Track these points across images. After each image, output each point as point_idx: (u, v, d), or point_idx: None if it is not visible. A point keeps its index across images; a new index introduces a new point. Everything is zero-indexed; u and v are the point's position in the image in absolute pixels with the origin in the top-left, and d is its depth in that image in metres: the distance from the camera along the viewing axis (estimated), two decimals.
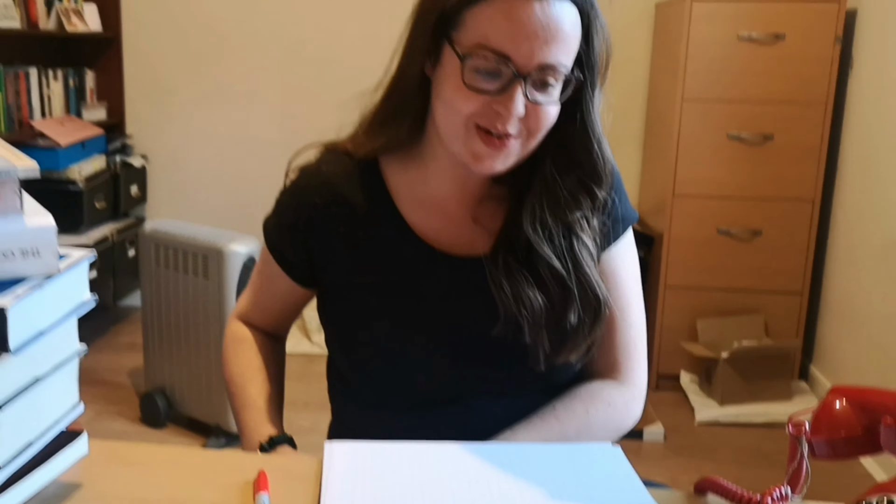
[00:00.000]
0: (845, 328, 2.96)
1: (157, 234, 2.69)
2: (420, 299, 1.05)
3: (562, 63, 0.94)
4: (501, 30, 0.92)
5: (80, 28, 3.53)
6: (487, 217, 1.07)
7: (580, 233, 1.03)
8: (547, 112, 0.96)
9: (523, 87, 0.93)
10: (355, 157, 1.08)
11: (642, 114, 3.60)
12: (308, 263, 1.11)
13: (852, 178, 2.95)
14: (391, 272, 1.06)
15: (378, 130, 1.07)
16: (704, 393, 3.04)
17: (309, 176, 1.10)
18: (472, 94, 0.94)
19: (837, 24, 2.90)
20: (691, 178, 3.06)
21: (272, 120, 3.79)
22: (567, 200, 1.02)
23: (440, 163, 1.05)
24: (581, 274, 1.02)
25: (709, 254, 3.10)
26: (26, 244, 0.77)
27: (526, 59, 0.92)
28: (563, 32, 0.93)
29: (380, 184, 1.08)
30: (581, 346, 1.03)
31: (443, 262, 1.06)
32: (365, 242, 1.07)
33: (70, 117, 3.57)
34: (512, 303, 1.00)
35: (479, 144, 0.96)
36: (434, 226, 1.07)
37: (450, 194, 1.07)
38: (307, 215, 1.08)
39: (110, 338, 3.51)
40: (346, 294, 1.08)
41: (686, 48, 2.98)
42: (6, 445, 0.75)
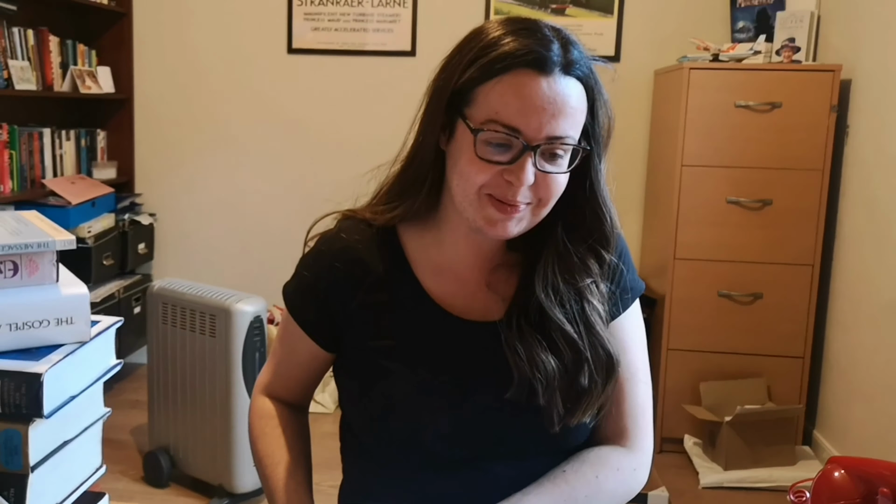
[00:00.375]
0: (848, 393, 2.97)
1: (164, 292, 2.72)
2: (435, 363, 1.08)
3: (569, 135, 0.99)
4: (511, 105, 0.97)
5: (93, 90, 3.62)
6: (501, 283, 1.11)
7: (590, 297, 1.07)
8: (556, 181, 1.01)
9: (533, 157, 0.98)
10: (374, 225, 1.13)
11: (642, 178, 3.67)
12: (330, 326, 1.13)
13: (851, 243, 2.99)
14: (408, 336, 1.09)
15: (396, 200, 1.11)
16: (708, 457, 3.03)
17: (329, 241, 1.14)
18: (485, 166, 0.99)
19: (832, 93, 2.97)
20: (692, 241, 3.11)
21: (279, 183, 3.86)
22: (578, 266, 1.07)
23: (455, 231, 1.10)
24: (593, 335, 1.05)
25: (710, 317, 3.13)
26: (61, 313, 0.81)
27: (535, 131, 0.97)
28: (570, 107, 0.99)
29: (398, 250, 1.12)
30: (594, 405, 1.06)
31: (458, 326, 1.09)
32: (383, 307, 1.10)
33: (81, 176, 3.63)
34: (526, 366, 1.03)
35: (492, 210, 1.01)
36: (449, 291, 1.11)
37: (465, 260, 1.11)
38: (327, 279, 1.12)
39: (114, 395, 3.51)
40: (363, 357, 1.11)
41: (685, 115, 3.05)
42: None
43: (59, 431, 0.81)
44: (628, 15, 3.62)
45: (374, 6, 3.69)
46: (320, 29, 3.73)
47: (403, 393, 1.07)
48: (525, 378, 1.03)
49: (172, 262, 3.97)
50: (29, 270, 0.79)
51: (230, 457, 2.60)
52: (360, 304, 1.10)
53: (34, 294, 0.79)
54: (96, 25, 3.80)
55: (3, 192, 3.12)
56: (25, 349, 0.79)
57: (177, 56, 3.84)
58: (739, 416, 2.90)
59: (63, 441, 0.81)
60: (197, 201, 3.93)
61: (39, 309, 0.79)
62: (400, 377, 1.07)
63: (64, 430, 0.82)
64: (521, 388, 1.04)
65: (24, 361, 0.76)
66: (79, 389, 0.82)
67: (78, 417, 0.84)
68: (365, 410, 1.11)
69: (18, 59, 3.22)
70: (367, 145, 3.68)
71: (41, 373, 0.75)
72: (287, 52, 3.77)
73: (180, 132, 3.89)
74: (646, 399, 1.15)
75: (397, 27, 3.70)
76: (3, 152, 3.14)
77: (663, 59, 3.52)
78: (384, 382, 1.08)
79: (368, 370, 1.10)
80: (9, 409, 0.75)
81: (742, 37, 3.46)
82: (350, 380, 1.14)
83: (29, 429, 0.75)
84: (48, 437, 0.79)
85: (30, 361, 0.76)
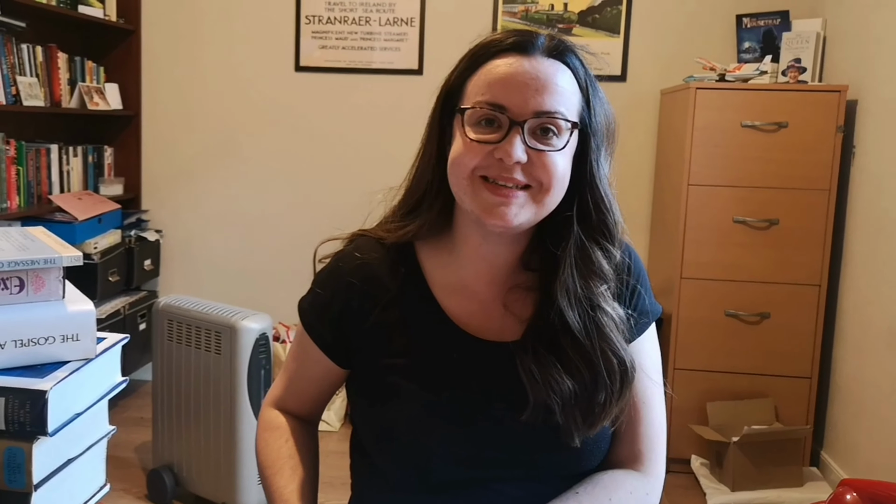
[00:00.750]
0: (855, 413, 2.95)
1: (170, 308, 2.72)
2: (449, 382, 1.07)
3: (558, 111, 1.00)
4: (496, 84, 1.00)
5: (101, 106, 3.64)
6: (517, 304, 1.10)
7: (603, 303, 1.06)
8: (552, 161, 1.00)
9: (522, 134, 0.99)
10: (387, 244, 1.13)
11: (649, 197, 3.67)
12: (344, 343, 1.13)
13: (858, 263, 2.98)
14: (422, 354, 1.09)
15: (408, 217, 1.11)
16: (715, 477, 3.01)
17: (345, 258, 1.14)
18: (476, 147, 1.00)
19: (839, 114, 2.97)
20: (698, 261, 3.10)
21: (286, 200, 3.86)
22: (590, 270, 1.06)
23: (468, 245, 1.09)
24: (605, 341, 1.04)
25: (717, 336, 3.11)
26: (67, 329, 0.80)
27: (520, 107, 0.99)
28: (555, 84, 1.01)
29: (415, 267, 1.12)
30: (611, 414, 1.05)
31: (473, 345, 1.09)
32: (398, 324, 1.10)
33: (88, 192, 3.64)
34: (541, 388, 1.02)
35: (487, 194, 1.00)
36: (466, 310, 1.10)
37: (481, 278, 1.10)
38: (343, 297, 1.12)
39: (119, 412, 3.50)
40: (377, 373, 1.10)
41: (691, 134, 3.05)
42: None
43: (63, 449, 0.80)
44: (634, 35, 3.63)
45: (381, 25, 3.71)
46: (328, 47, 3.75)
47: (415, 411, 1.07)
48: (541, 400, 1.02)
49: (178, 278, 3.97)
50: (35, 287, 0.79)
51: (234, 475, 2.59)
52: (376, 322, 1.10)
53: (40, 310, 0.79)
54: (105, 42, 3.82)
55: (9, 208, 3.13)
56: (30, 366, 0.78)
57: (184, 73, 3.85)
58: (747, 436, 2.88)
59: (67, 459, 0.81)
60: (203, 218, 3.93)
61: (45, 325, 0.79)
62: (412, 396, 1.07)
63: (68, 448, 0.81)
64: (536, 410, 1.03)
65: (28, 378, 0.75)
66: (84, 407, 0.81)
67: (82, 435, 0.84)
68: (376, 427, 1.10)
69: (27, 76, 3.23)
70: (374, 163, 3.69)
71: (46, 390, 0.74)
72: (294, 69, 3.79)
73: (187, 149, 3.90)
74: (660, 424, 1.14)
75: (404, 46, 3.71)
76: (10, 168, 3.15)
77: (670, 78, 3.53)
78: (396, 400, 1.08)
79: (381, 387, 1.09)
80: (13, 427, 0.74)
81: (748, 57, 3.46)
82: (362, 397, 1.13)
83: (33, 446, 0.75)
84: (52, 454, 0.78)
85: (35, 378, 0.76)
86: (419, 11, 3.69)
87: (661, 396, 1.14)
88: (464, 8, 3.67)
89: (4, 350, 0.77)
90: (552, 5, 3.65)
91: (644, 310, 1.13)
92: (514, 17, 3.65)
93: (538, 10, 3.65)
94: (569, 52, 1.05)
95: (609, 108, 1.08)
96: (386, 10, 3.70)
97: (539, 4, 3.65)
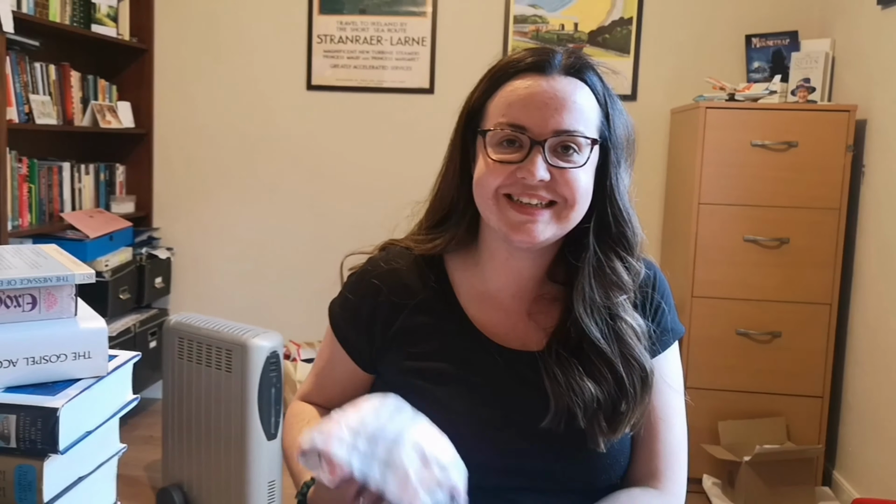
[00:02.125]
0: (868, 433, 2.93)
1: (180, 326, 2.73)
2: (473, 389, 1.09)
3: (577, 130, 1.02)
4: (515, 105, 1.03)
5: (113, 124, 3.67)
6: (542, 315, 1.12)
7: (622, 313, 1.08)
8: (575, 177, 1.02)
9: (543, 153, 1.01)
10: (416, 253, 1.16)
11: (660, 216, 3.66)
12: (370, 348, 1.15)
13: (869, 282, 2.97)
14: (447, 360, 1.10)
15: (435, 231, 1.15)
16: (727, 497, 2.98)
17: (374, 264, 1.17)
18: (499, 167, 1.03)
19: (848, 133, 2.97)
20: (709, 279, 3.09)
21: (297, 218, 3.87)
22: (611, 278, 1.07)
23: (495, 258, 1.12)
24: (624, 348, 1.06)
25: (728, 355, 3.10)
26: (78, 347, 0.80)
27: (540, 126, 1.02)
28: (574, 102, 1.03)
29: (443, 276, 1.15)
30: (633, 418, 1.06)
31: (498, 353, 1.10)
32: (424, 329, 1.12)
33: (99, 210, 3.66)
34: (566, 393, 1.04)
35: (512, 213, 1.03)
36: (492, 319, 1.12)
37: (507, 289, 1.13)
38: (372, 301, 1.14)
39: (128, 430, 3.50)
40: (402, 379, 1.11)
41: (701, 153, 3.05)
42: None
43: (74, 467, 0.80)
44: (645, 54, 3.64)
45: (392, 44, 3.73)
46: (339, 66, 3.77)
47: (438, 417, 1.06)
48: (563, 407, 1.04)
49: (189, 296, 3.98)
50: (47, 304, 0.79)
51: (245, 493, 2.58)
52: (402, 327, 1.12)
53: (52, 328, 0.79)
54: (118, 61, 3.86)
55: (21, 226, 3.15)
56: (42, 383, 0.78)
57: (197, 92, 3.88)
58: (759, 455, 2.86)
59: (78, 477, 0.80)
60: (214, 236, 3.95)
61: (57, 343, 0.79)
62: (435, 401, 1.07)
63: (79, 466, 0.81)
64: (557, 416, 1.04)
65: (40, 396, 0.76)
66: (95, 425, 0.81)
67: (93, 453, 0.83)
68: None
69: (40, 94, 3.26)
70: (386, 181, 3.70)
71: (57, 408, 0.74)
72: (306, 88, 3.81)
73: (199, 167, 3.93)
74: (679, 443, 1.14)
75: (416, 65, 3.73)
76: (22, 186, 3.17)
77: (679, 98, 3.54)
78: (421, 405, 1.08)
79: (406, 393, 1.09)
80: (24, 445, 0.74)
81: (757, 77, 3.47)
82: None
83: (44, 464, 0.75)
84: (63, 472, 0.78)
85: (46, 396, 0.76)
86: (430, 31, 3.71)
87: (683, 416, 1.15)
88: (475, 28, 3.69)
89: (16, 367, 0.77)
90: (562, 25, 3.67)
91: (667, 327, 1.15)
92: (525, 37, 3.66)
93: (549, 29, 3.66)
94: (586, 69, 1.06)
95: (629, 120, 1.10)
96: (397, 29, 3.72)
97: (549, 24, 3.67)
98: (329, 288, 1.27)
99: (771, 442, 2.99)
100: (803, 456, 2.95)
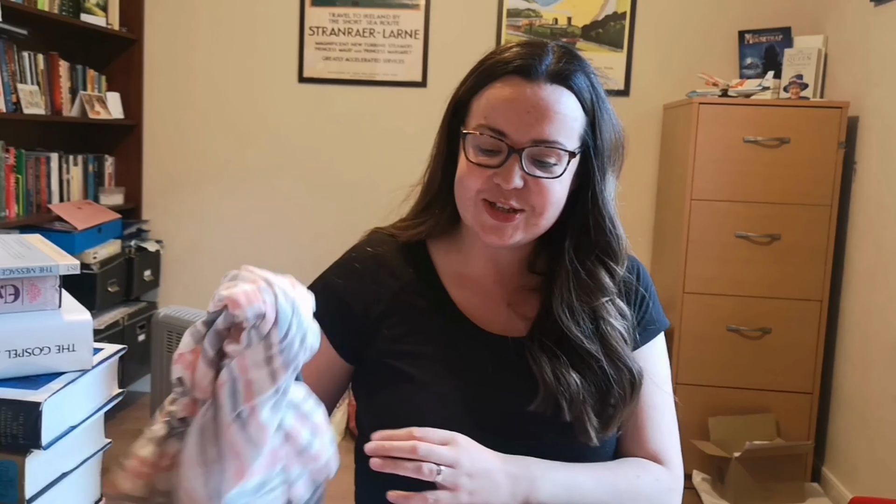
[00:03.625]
0: (857, 429, 2.93)
1: (169, 319, 2.70)
2: (460, 372, 1.08)
3: (557, 141, 1.01)
4: (497, 110, 1.02)
5: (102, 115, 3.63)
6: (522, 304, 1.12)
7: (606, 315, 1.07)
8: (548, 188, 1.02)
9: (520, 161, 1.00)
10: (400, 240, 1.15)
11: (651, 212, 3.66)
12: (351, 333, 1.12)
13: (859, 278, 2.97)
14: (432, 343, 1.09)
15: (420, 218, 1.15)
16: (717, 493, 2.98)
17: (358, 250, 1.16)
18: (478, 170, 1.02)
19: (840, 130, 2.97)
20: (701, 275, 3.09)
21: (287, 210, 3.85)
22: (590, 283, 1.07)
23: (474, 246, 1.12)
24: (610, 351, 1.06)
25: (719, 351, 3.10)
26: (62, 340, 0.79)
27: (519, 134, 1.01)
28: (556, 113, 1.01)
29: (426, 261, 1.15)
30: (622, 417, 1.06)
31: (482, 337, 1.10)
32: (410, 314, 1.11)
33: (88, 202, 3.63)
34: (552, 381, 1.03)
35: (486, 217, 1.03)
36: (474, 303, 1.12)
37: (487, 275, 1.13)
38: (355, 284, 1.13)
39: (116, 424, 3.47)
40: (385, 363, 1.09)
41: (694, 149, 3.05)
42: None
43: (57, 463, 0.78)
44: (638, 50, 3.63)
45: (385, 37, 3.71)
46: (331, 58, 3.75)
47: (424, 400, 1.06)
48: (550, 391, 1.03)
49: (179, 289, 3.95)
50: (31, 295, 0.77)
51: None
52: (385, 311, 1.11)
53: (35, 320, 0.77)
54: (107, 51, 3.82)
55: (8, 217, 3.12)
56: (24, 377, 0.77)
57: (187, 83, 3.85)
58: (748, 451, 2.86)
59: (61, 473, 0.79)
60: (204, 229, 3.92)
61: (40, 335, 0.77)
62: (422, 385, 1.06)
63: (62, 462, 0.79)
64: (546, 400, 1.03)
65: (22, 390, 0.74)
66: (79, 419, 0.80)
67: (77, 448, 0.82)
68: (384, 419, 1.07)
69: (28, 84, 3.23)
70: (377, 174, 3.68)
71: (40, 402, 0.72)
72: (298, 80, 3.78)
73: (189, 159, 3.90)
74: (670, 429, 1.14)
75: (408, 58, 3.71)
76: (9, 176, 3.14)
77: (672, 93, 3.53)
78: (406, 388, 1.07)
79: (390, 377, 1.09)
80: (5, 440, 0.72)
81: (750, 73, 3.46)
82: (370, 390, 1.12)
83: (26, 460, 0.73)
84: (46, 468, 0.76)
85: (28, 390, 0.74)
86: (423, 24, 3.69)
87: (671, 404, 1.15)
88: (468, 21, 3.67)
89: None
90: (556, 20, 3.65)
91: (651, 318, 1.15)
92: (518, 31, 3.65)
93: (542, 24, 3.65)
94: (574, 74, 1.04)
95: (618, 125, 1.09)
96: (390, 22, 3.70)
97: (543, 19, 3.65)
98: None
99: (761, 438, 2.99)
100: (793, 452, 2.95)
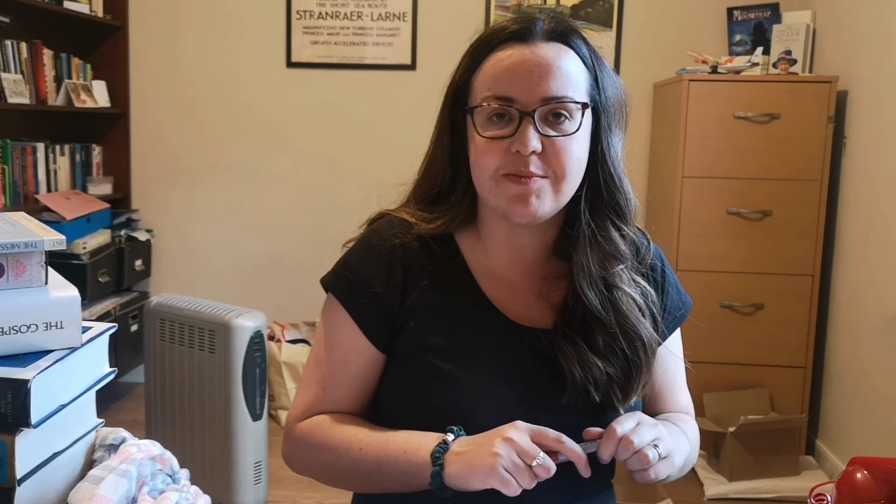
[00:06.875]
0: (850, 402, 2.95)
1: (162, 307, 2.69)
2: (491, 365, 1.06)
3: (566, 95, 1.00)
4: (501, 77, 1.00)
5: (88, 104, 3.60)
6: (552, 293, 1.10)
7: (619, 283, 1.07)
8: (567, 149, 1.00)
9: (533, 123, 0.98)
10: (420, 230, 1.10)
11: (643, 190, 3.65)
12: (383, 323, 1.08)
13: (851, 253, 2.97)
14: (464, 336, 1.07)
15: (435, 210, 1.11)
16: (713, 468, 3.00)
17: (382, 237, 1.10)
18: (493, 146, 1.00)
19: (829, 105, 2.97)
20: (693, 253, 3.09)
21: (278, 197, 3.83)
22: (606, 249, 1.06)
23: (495, 237, 1.10)
24: (621, 318, 1.05)
25: (712, 328, 3.10)
26: (50, 317, 0.77)
27: (527, 96, 0.99)
28: (559, 68, 1.00)
29: (456, 252, 1.11)
30: (643, 384, 1.09)
31: (513, 329, 1.08)
32: (441, 306, 1.08)
33: (76, 192, 3.61)
34: (578, 371, 1.03)
35: (510, 186, 1.00)
36: (504, 296, 1.10)
37: (512, 267, 1.11)
38: (385, 274, 1.08)
39: (111, 414, 3.47)
40: (416, 356, 1.07)
41: (684, 127, 3.04)
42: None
43: (48, 442, 0.77)
44: (627, 28, 3.62)
45: (373, 20, 3.68)
46: (319, 43, 3.72)
47: (456, 393, 1.04)
48: (579, 382, 1.03)
49: (170, 278, 3.93)
50: (16, 272, 0.76)
51: (230, 475, 2.56)
52: (416, 302, 1.08)
53: (21, 297, 0.76)
54: (91, 39, 3.78)
55: None
56: (12, 355, 0.75)
57: (174, 70, 3.82)
58: (743, 426, 2.88)
59: (53, 453, 0.78)
60: (195, 217, 3.90)
61: (27, 312, 0.76)
62: (453, 378, 1.04)
63: (53, 442, 0.78)
64: (575, 391, 1.03)
65: (9, 368, 0.73)
66: (69, 398, 0.78)
67: (68, 428, 0.81)
68: (413, 414, 1.06)
69: (11, 72, 3.20)
70: (367, 159, 3.66)
71: (28, 379, 0.71)
72: (286, 65, 3.76)
73: (177, 147, 3.87)
74: (686, 387, 1.27)
75: (397, 41, 3.69)
76: None
77: (662, 72, 3.52)
78: (437, 382, 1.05)
79: (421, 369, 1.06)
80: None
81: (739, 50, 3.46)
82: (400, 384, 1.09)
83: (16, 439, 0.72)
84: (36, 448, 0.75)
85: (16, 368, 0.73)
86: (411, 6, 3.67)
87: (682, 365, 1.28)
88: (456, 3, 3.65)
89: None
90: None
91: (682, 301, 1.23)
92: (507, 11, 3.63)
93: (531, 3, 3.63)
94: (570, 33, 1.04)
95: (619, 83, 1.08)
96: (378, 4, 3.68)
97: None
98: (312, 268, 1.23)
99: (755, 413, 3.00)
100: (787, 426, 2.97)
